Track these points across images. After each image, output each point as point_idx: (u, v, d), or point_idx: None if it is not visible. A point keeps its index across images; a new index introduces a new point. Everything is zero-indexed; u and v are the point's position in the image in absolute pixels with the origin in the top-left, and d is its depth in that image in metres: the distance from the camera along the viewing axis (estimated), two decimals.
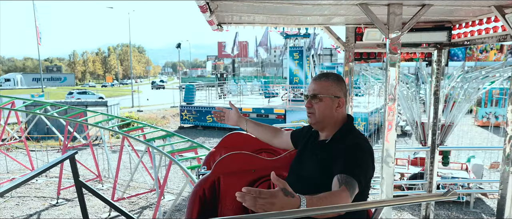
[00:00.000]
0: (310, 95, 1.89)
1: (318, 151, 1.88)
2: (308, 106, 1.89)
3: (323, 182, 1.74)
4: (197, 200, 2.18)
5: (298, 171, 1.95)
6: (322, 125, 1.91)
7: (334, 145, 1.83)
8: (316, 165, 1.83)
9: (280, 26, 4.28)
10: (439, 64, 4.34)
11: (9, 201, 9.26)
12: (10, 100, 10.28)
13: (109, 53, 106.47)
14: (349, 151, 1.72)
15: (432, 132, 4.49)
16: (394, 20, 2.98)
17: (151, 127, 9.34)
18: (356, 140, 1.82)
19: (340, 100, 1.88)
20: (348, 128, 1.91)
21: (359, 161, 1.70)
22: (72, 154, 3.74)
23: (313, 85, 1.91)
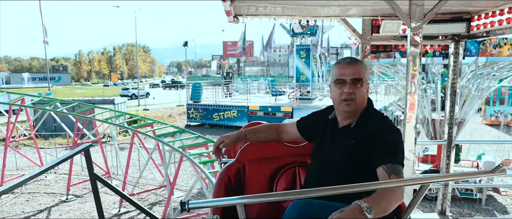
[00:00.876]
0: (352, 80, 1.75)
1: (343, 137, 1.83)
2: (350, 91, 1.75)
3: (352, 167, 1.73)
4: (223, 186, 2.17)
5: (323, 158, 1.89)
6: (358, 112, 1.83)
7: (360, 129, 1.79)
8: (343, 151, 1.79)
9: (297, 18, 4.25)
10: (456, 57, 4.29)
11: (19, 197, 9.30)
12: (20, 97, 10.32)
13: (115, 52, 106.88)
14: (383, 136, 1.70)
15: (449, 125, 4.44)
16: (416, 10, 2.95)
17: (161, 123, 9.35)
18: (384, 121, 1.80)
19: (368, 86, 1.86)
20: (371, 110, 1.87)
21: (396, 144, 1.69)
22: (87, 146, 3.74)
23: (350, 69, 1.77)
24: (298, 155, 2.30)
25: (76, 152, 4.13)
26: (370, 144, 1.70)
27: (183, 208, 1.20)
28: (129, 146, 8.81)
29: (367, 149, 1.70)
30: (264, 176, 2.28)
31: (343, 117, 1.88)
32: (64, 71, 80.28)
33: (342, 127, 1.88)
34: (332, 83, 1.85)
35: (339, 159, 1.79)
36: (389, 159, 1.63)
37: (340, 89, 1.79)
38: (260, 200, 1.50)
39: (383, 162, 1.62)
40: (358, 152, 1.73)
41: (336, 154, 1.83)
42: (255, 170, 2.27)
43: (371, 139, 1.71)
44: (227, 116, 19.64)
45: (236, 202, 1.26)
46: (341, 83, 1.78)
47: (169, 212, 7.45)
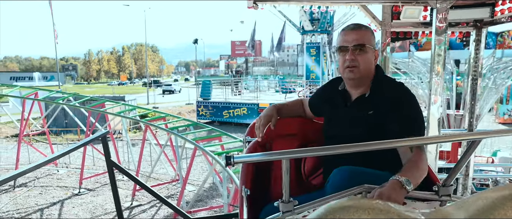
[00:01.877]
0: (353, 46, 1.67)
1: (360, 109, 1.74)
2: (351, 58, 1.66)
3: (370, 138, 1.65)
4: (251, 163, 2.13)
5: (337, 133, 1.80)
6: (362, 80, 1.73)
7: (377, 97, 1.71)
8: (362, 124, 1.70)
9: (316, 4, 4.19)
10: (478, 45, 4.20)
11: (32, 190, 9.36)
12: (33, 91, 10.39)
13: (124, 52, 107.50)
14: (404, 106, 1.63)
15: (470, 114, 4.36)
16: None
17: (173, 116, 9.36)
18: (401, 88, 1.72)
19: (376, 53, 1.77)
20: (382, 77, 1.79)
21: (416, 114, 1.64)
22: (104, 133, 3.73)
23: (353, 35, 1.69)
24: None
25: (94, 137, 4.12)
26: (389, 113, 1.63)
27: (229, 162, 1.16)
28: (142, 139, 8.82)
29: (387, 118, 1.63)
30: None
31: (351, 85, 1.79)
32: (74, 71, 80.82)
33: (356, 98, 1.78)
34: (337, 51, 1.77)
35: (356, 133, 1.69)
36: (411, 131, 1.56)
37: (343, 57, 1.71)
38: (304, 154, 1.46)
39: (407, 134, 1.52)
40: (377, 122, 1.66)
41: (352, 129, 1.73)
42: (282, 146, 2.22)
43: (390, 107, 1.64)
44: (237, 113, 19.61)
45: (281, 156, 1.22)
46: (344, 50, 1.70)
47: (182, 205, 7.44)
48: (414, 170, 1.42)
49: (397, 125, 1.59)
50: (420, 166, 1.45)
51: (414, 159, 1.48)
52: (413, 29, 4.28)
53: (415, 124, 1.62)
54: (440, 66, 3.00)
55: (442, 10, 2.90)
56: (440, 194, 1.40)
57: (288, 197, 1.35)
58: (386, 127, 1.63)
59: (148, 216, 7.83)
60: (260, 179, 2.16)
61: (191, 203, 7.80)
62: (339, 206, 0.74)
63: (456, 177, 1.36)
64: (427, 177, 1.78)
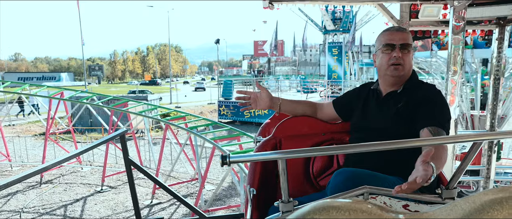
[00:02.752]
0: (401, 45, 1.74)
1: (389, 103, 1.81)
2: (399, 56, 1.74)
3: (399, 131, 1.69)
4: (259, 162, 2.13)
5: (368, 127, 1.85)
6: (401, 79, 1.81)
7: (407, 93, 1.77)
8: (391, 116, 1.76)
9: (332, 3, 4.17)
10: (501, 43, 4.08)
11: (57, 186, 9.63)
12: (59, 91, 10.68)
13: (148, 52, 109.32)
14: (432, 101, 1.68)
15: (491, 114, 4.24)
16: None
17: (193, 116, 9.46)
18: (432, 89, 1.78)
19: (413, 55, 1.84)
20: (416, 79, 1.86)
21: (444, 109, 1.69)
22: (123, 131, 3.80)
23: (399, 34, 1.78)
24: (335, 132, 2.24)
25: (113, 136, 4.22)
26: (418, 107, 1.69)
27: (224, 161, 1.17)
28: (162, 138, 8.94)
29: (415, 112, 1.68)
30: None
31: (389, 83, 1.85)
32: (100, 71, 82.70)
33: (388, 93, 1.86)
34: (380, 50, 1.83)
35: (387, 125, 1.76)
36: (435, 122, 1.61)
37: (388, 54, 1.78)
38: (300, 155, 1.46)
39: (429, 124, 1.61)
40: (406, 115, 1.71)
41: (383, 120, 1.80)
42: (291, 146, 2.22)
43: (419, 102, 1.70)
44: (258, 113, 19.63)
45: (277, 156, 1.22)
46: (390, 48, 1.76)
47: (200, 204, 7.51)
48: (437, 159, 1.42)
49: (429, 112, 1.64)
50: (441, 155, 1.47)
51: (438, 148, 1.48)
52: (432, 28, 4.19)
53: (441, 118, 1.65)
54: (457, 65, 2.93)
55: (460, 8, 2.83)
56: (443, 196, 1.37)
57: (287, 197, 1.35)
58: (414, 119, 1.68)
59: (167, 214, 7.93)
60: (268, 178, 2.16)
61: (210, 202, 7.86)
62: (321, 206, 0.73)
63: (458, 179, 1.32)
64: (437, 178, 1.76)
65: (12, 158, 12.03)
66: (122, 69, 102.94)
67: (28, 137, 16.55)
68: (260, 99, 2.19)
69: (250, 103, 2.23)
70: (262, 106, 2.21)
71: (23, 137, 14.35)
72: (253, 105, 2.23)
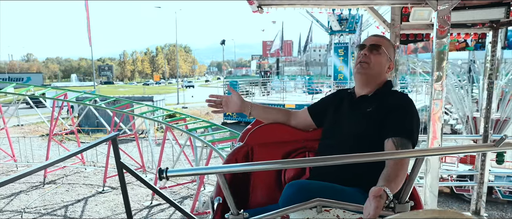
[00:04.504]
0: (370, 45, 1.79)
1: (360, 107, 1.79)
2: (365, 54, 1.77)
3: (368, 136, 1.69)
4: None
5: (338, 132, 1.83)
6: (369, 78, 1.80)
7: (378, 98, 1.77)
8: (360, 120, 1.75)
9: (322, 7, 4.12)
10: (494, 46, 4.01)
11: (60, 187, 9.74)
12: (63, 92, 10.79)
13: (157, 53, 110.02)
14: (399, 111, 1.67)
15: (485, 120, 4.17)
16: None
17: (194, 118, 9.48)
18: (403, 98, 1.76)
19: (391, 64, 1.85)
20: (390, 87, 1.85)
21: (411, 121, 1.65)
22: (114, 135, 3.80)
23: (373, 38, 1.85)
24: (307, 140, 2.21)
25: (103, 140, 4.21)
26: (387, 113, 1.67)
27: (161, 175, 1.16)
28: (162, 140, 8.98)
29: (385, 118, 1.67)
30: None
31: (359, 83, 1.85)
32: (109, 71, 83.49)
33: (360, 96, 1.85)
34: (355, 50, 1.90)
35: (355, 130, 1.75)
36: (400, 132, 1.59)
37: (358, 53, 1.83)
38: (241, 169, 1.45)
39: (393, 135, 1.59)
40: (375, 120, 1.70)
41: (352, 124, 1.78)
42: (263, 154, 2.20)
43: (388, 109, 1.68)
44: None
45: (215, 171, 1.20)
46: (361, 47, 1.82)
47: (198, 206, 7.52)
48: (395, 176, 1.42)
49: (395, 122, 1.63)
50: (400, 171, 1.44)
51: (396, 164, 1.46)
52: (424, 31, 4.14)
53: (408, 128, 1.63)
54: (442, 70, 2.88)
55: (444, 13, 2.79)
56: (396, 210, 1.34)
57: (235, 210, 1.34)
58: (383, 125, 1.66)
59: (166, 215, 7.96)
60: (239, 187, 2.14)
61: (208, 203, 7.87)
62: None
63: (409, 193, 1.29)
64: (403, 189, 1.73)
65: (17, 158, 12.18)
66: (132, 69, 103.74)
67: (35, 137, 16.76)
68: (231, 103, 2.16)
69: (221, 106, 2.19)
70: (233, 109, 2.18)
71: (29, 137, 14.48)
72: (224, 108, 2.20)
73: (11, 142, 11.74)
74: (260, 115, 2.19)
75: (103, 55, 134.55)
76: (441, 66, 2.87)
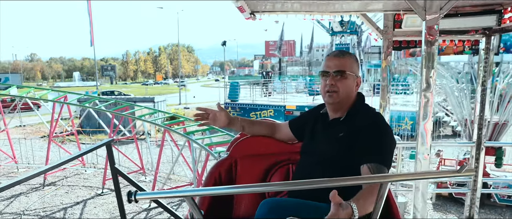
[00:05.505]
0: (334, 72, 1.75)
1: (333, 130, 1.81)
2: (332, 83, 1.75)
3: (342, 160, 1.71)
4: (212, 181, 2.14)
5: (313, 153, 1.86)
6: (341, 104, 1.81)
7: (350, 122, 1.78)
8: (333, 144, 1.77)
9: (315, 14, 4.13)
10: (487, 53, 4.01)
11: (60, 189, 9.78)
12: (63, 95, 10.84)
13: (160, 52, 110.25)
14: (372, 134, 1.67)
15: (478, 126, 4.17)
16: (432, 2, 2.77)
17: (192, 120, 9.49)
18: (374, 118, 1.78)
19: (358, 80, 1.85)
20: (361, 104, 1.85)
21: (384, 143, 1.67)
22: (109, 141, 3.83)
23: (335, 61, 1.78)
24: (291, 153, 2.23)
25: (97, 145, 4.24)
26: (359, 139, 1.68)
27: (130, 198, 1.18)
28: (161, 142, 9.01)
29: (356, 143, 1.68)
30: (255, 173, 2.23)
31: (331, 109, 1.87)
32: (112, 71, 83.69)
33: (332, 119, 1.86)
34: (319, 75, 1.85)
35: (329, 152, 1.77)
36: (375, 158, 1.61)
37: (324, 81, 1.80)
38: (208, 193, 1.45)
39: (368, 161, 1.60)
40: (347, 145, 1.71)
41: (326, 147, 1.80)
42: (247, 167, 2.22)
43: (360, 133, 1.69)
44: (264, 115, 19.62)
45: (185, 194, 1.22)
46: (325, 75, 1.79)
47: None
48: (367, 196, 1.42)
49: (369, 148, 1.64)
50: (368, 198, 1.44)
51: (371, 187, 1.47)
52: (416, 38, 4.14)
53: (381, 152, 1.64)
54: (430, 81, 2.88)
55: (432, 22, 2.78)
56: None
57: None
58: (358, 149, 1.67)
59: (165, 217, 7.99)
60: (222, 199, 2.16)
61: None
62: None
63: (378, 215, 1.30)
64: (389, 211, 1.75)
65: (18, 159, 12.25)
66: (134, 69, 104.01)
67: (36, 138, 16.84)
68: (218, 119, 2.18)
69: (207, 120, 2.21)
70: (219, 125, 2.21)
71: (30, 139, 14.54)
72: (211, 122, 2.22)
73: (12, 143, 11.81)
74: (248, 129, 2.21)
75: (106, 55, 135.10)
76: (429, 76, 2.86)
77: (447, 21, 3.82)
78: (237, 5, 3.39)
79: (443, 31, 3.98)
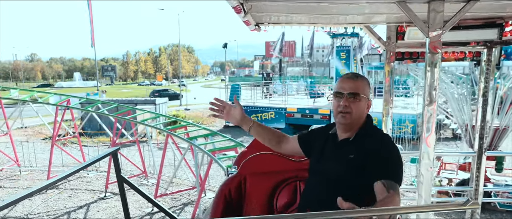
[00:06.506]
0: (348, 94, 1.81)
1: (342, 151, 1.86)
2: (345, 105, 1.80)
3: (350, 180, 1.76)
4: (222, 199, 2.20)
5: (322, 172, 1.91)
6: (352, 125, 1.87)
7: (359, 142, 1.83)
8: (342, 164, 1.82)
9: (319, 26, 4.19)
10: (488, 64, 4.07)
11: (63, 192, 9.84)
12: (66, 98, 10.90)
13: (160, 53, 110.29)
14: (382, 154, 1.73)
15: (480, 136, 4.22)
16: (435, 18, 2.82)
17: (194, 125, 9.56)
18: (383, 139, 1.83)
19: (369, 103, 1.91)
20: (370, 126, 1.91)
21: (394, 162, 1.73)
22: (115, 150, 3.88)
23: (349, 83, 1.84)
24: (298, 170, 2.29)
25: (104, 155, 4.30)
26: (368, 159, 1.73)
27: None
28: (163, 147, 9.07)
29: (366, 163, 1.73)
30: (264, 190, 2.29)
31: (341, 129, 1.92)
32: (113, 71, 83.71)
33: (342, 140, 1.91)
34: (332, 96, 1.90)
35: (338, 172, 1.82)
36: (387, 175, 1.67)
37: (338, 102, 1.85)
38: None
39: (382, 177, 1.66)
40: (356, 165, 1.76)
41: (335, 167, 1.85)
42: (256, 184, 2.28)
43: (370, 153, 1.75)
44: (264, 117, 19.68)
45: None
46: (339, 96, 1.84)
47: (198, 213, 7.60)
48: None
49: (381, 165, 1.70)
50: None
51: (388, 200, 1.56)
52: (419, 50, 4.20)
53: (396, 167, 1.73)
54: (433, 95, 2.94)
55: (435, 38, 2.84)
56: None
57: None
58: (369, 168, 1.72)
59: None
60: (233, 214, 2.22)
61: (208, 210, 7.96)
62: None
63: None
64: None
65: (21, 162, 12.30)
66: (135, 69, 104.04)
67: (38, 141, 16.89)
68: (232, 115, 2.20)
69: (222, 113, 2.24)
70: (231, 120, 2.23)
71: (32, 142, 14.59)
72: (224, 117, 2.25)
73: (14, 146, 11.87)
74: (258, 133, 2.21)
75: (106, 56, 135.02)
76: (432, 90, 2.92)
77: (449, 34, 3.86)
78: (243, 19, 3.45)
79: (445, 43, 4.03)
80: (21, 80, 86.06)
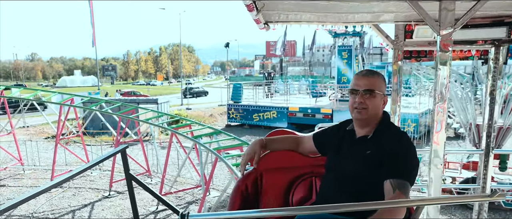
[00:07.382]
0: (364, 90, 1.84)
1: (360, 148, 1.88)
2: (361, 101, 1.84)
3: (367, 177, 1.78)
4: (239, 194, 2.22)
5: (339, 169, 1.93)
6: (368, 121, 1.90)
7: (377, 139, 1.84)
8: (360, 161, 1.84)
9: (328, 24, 4.22)
10: (496, 63, 4.09)
11: (67, 191, 9.86)
12: (70, 97, 10.92)
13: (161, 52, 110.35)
14: (399, 152, 1.74)
15: (487, 134, 4.25)
16: (446, 16, 2.84)
17: (199, 124, 9.59)
18: (401, 137, 1.83)
19: (385, 99, 1.93)
20: (388, 123, 1.93)
21: (409, 161, 1.74)
22: (124, 147, 3.90)
23: (365, 80, 1.87)
24: (314, 166, 2.31)
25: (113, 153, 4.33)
26: (386, 156, 1.75)
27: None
28: (168, 145, 9.09)
29: (383, 160, 1.75)
30: (280, 186, 2.31)
31: (358, 125, 1.95)
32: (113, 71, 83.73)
33: (360, 137, 1.93)
34: (348, 92, 1.94)
35: (355, 169, 1.84)
36: (398, 174, 1.68)
37: (353, 98, 1.88)
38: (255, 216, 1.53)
39: (391, 176, 1.68)
40: (374, 162, 1.78)
41: (353, 164, 1.87)
42: (272, 179, 2.30)
43: (386, 151, 1.76)
44: (266, 116, 19.71)
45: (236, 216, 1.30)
46: (355, 93, 1.88)
47: (204, 211, 7.62)
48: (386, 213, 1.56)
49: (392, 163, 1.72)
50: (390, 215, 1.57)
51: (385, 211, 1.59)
52: (426, 48, 4.23)
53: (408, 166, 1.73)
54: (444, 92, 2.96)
55: (446, 37, 2.86)
56: None
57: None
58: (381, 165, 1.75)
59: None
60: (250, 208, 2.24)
61: (213, 209, 7.98)
62: None
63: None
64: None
65: (24, 161, 12.32)
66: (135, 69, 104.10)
67: (41, 139, 16.91)
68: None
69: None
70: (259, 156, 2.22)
71: (35, 141, 14.62)
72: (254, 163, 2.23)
73: (18, 145, 11.89)
74: (276, 147, 2.26)
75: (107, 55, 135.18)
76: (443, 88, 2.94)
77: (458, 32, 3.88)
78: (255, 17, 3.47)
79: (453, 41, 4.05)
80: (21, 80, 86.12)
